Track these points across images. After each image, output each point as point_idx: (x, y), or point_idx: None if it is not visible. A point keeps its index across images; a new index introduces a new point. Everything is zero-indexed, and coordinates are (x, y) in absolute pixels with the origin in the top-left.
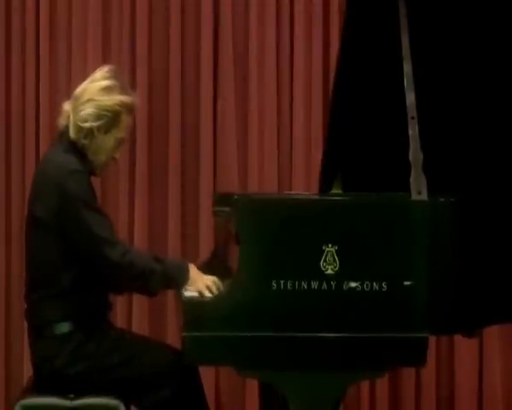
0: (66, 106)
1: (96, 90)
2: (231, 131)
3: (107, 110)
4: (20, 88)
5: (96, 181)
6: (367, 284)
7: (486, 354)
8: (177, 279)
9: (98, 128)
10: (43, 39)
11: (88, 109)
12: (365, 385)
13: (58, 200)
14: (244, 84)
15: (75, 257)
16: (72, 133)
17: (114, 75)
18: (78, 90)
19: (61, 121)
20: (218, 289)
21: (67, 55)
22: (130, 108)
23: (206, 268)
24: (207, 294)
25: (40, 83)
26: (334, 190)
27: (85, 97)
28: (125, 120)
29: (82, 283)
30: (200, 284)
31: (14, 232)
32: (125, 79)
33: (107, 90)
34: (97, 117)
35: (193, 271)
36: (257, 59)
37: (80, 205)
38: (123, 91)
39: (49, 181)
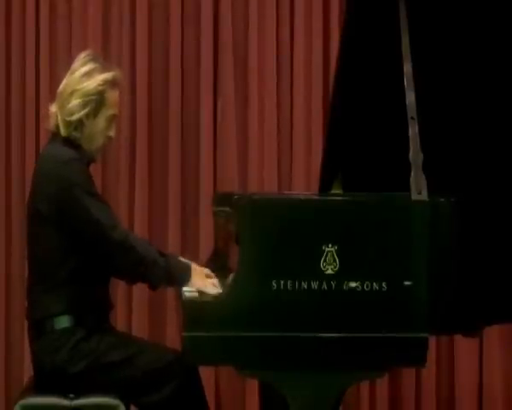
0: (53, 108)
1: (76, 79)
2: (231, 130)
3: (92, 94)
4: (20, 87)
5: (96, 183)
6: (367, 284)
7: (486, 354)
8: (179, 278)
9: (86, 116)
10: (43, 40)
11: (74, 101)
12: (365, 385)
13: (57, 189)
14: (244, 84)
15: (76, 249)
16: (62, 131)
17: (92, 58)
18: (61, 87)
19: (51, 123)
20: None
21: (67, 55)
22: (113, 83)
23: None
24: (211, 290)
25: (40, 82)
26: (334, 190)
27: (68, 90)
28: (111, 96)
29: (82, 276)
30: (201, 283)
31: (14, 232)
32: (103, 60)
33: (87, 75)
34: (84, 105)
35: (195, 273)
36: (257, 58)
37: (79, 192)
38: (103, 70)
39: (46, 173)
